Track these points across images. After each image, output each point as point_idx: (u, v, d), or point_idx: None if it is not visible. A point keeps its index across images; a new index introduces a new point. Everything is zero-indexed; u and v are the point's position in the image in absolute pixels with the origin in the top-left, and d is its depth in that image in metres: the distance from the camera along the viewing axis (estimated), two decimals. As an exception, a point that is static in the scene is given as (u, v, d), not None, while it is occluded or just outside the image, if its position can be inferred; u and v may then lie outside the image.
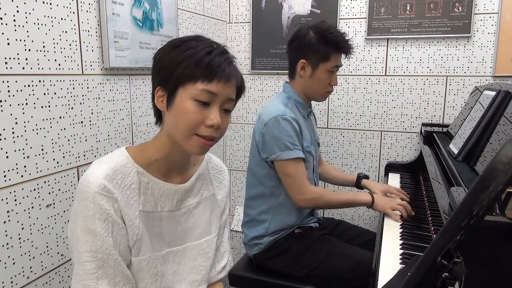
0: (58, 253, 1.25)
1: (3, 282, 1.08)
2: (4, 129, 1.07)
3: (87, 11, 1.32)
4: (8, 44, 1.06)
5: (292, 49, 1.57)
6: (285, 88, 1.62)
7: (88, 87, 1.35)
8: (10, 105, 1.08)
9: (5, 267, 1.09)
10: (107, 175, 0.80)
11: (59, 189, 1.25)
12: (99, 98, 1.40)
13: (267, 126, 1.47)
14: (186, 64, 0.81)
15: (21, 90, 1.11)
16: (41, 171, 1.18)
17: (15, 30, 1.08)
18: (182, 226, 0.94)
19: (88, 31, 1.33)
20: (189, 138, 0.82)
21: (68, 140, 1.28)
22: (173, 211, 0.92)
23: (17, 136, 1.10)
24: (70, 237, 0.82)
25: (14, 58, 1.08)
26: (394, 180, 1.89)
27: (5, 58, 1.06)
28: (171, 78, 0.82)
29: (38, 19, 1.14)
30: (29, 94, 1.13)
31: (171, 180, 0.91)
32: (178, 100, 0.82)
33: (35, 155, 1.16)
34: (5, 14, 1.05)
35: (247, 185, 1.64)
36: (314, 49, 1.50)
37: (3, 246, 1.08)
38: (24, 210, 1.14)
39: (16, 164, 1.10)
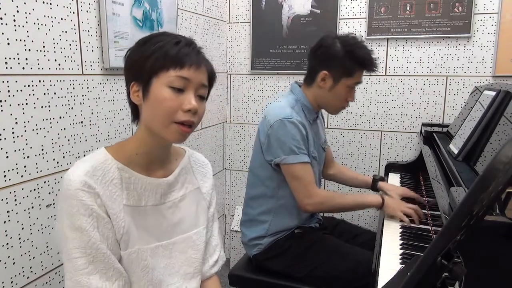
0: (58, 253, 1.25)
1: (3, 282, 1.08)
2: (4, 129, 1.07)
3: (87, 11, 1.32)
4: (8, 44, 1.06)
5: (315, 57, 1.52)
6: (294, 89, 1.57)
7: (88, 87, 1.35)
8: (10, 105, 1.08)
9: (5, 267, 1.09)
10: (87, 172, 0.82)
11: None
12: (99, 98, 1.40)
13: (273, 128, 1.44)
14: (157, 56, 0.84)
15: (21, 90, 1.11)
16: (41, 171, 1.18)
17: (15, 30, 1.08)
18: (169, 220, 0.95)
19: (88, 31, 1.33)
20: (168, 126, 0.84)
21: (68, 140, 1.28)
22: (158, 205, 0.93)
23: (17, 136, 1.10)
24: (57, 238, 0.83)
25: (14, 58, 1.08)
26: (394, 180, 1.89)
27: (5, 58, 1.06)
28: (143, 71, 0.85)
29: (38, 19, 1.14)
30: (29, 94, 1.13)
31: (153, 174, 0.93)
32: (153, 89, 0.84)
33: (35, 155, 1.16)
34: (5, 14, 1.05)
35: (248, 184, 1.63)
36: (339, 62, 1.45)
37: (3, 246, 1.08)
38: (24, 210, 1.14)
39: (16, 164, 1.10)
